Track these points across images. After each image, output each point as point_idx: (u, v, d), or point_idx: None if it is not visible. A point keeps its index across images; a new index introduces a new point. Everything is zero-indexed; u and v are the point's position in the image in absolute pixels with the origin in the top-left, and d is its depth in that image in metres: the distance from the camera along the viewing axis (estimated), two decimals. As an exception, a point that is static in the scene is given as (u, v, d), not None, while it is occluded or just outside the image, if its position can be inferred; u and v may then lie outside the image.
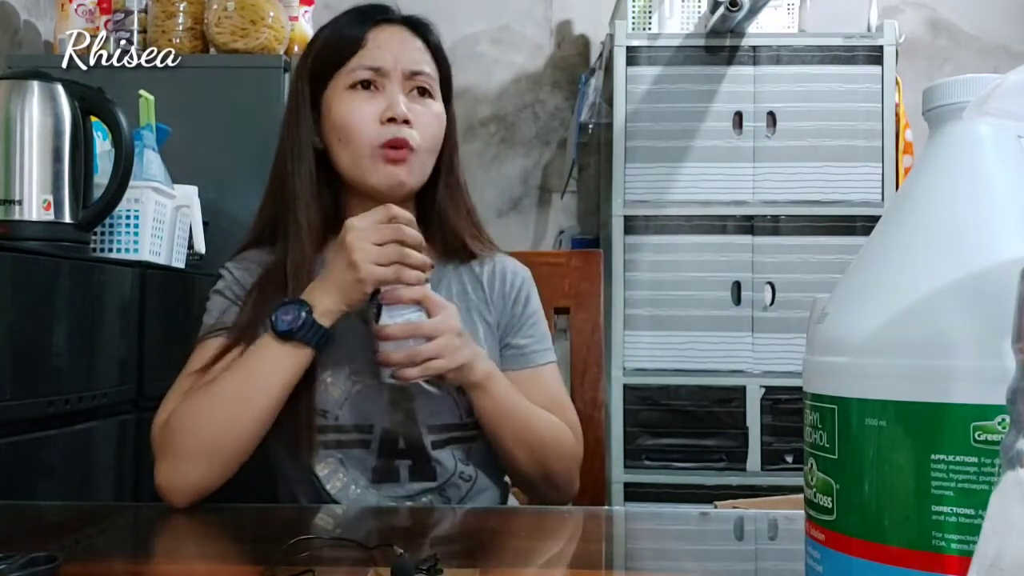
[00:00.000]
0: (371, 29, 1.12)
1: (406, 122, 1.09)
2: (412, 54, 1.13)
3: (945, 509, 0.44)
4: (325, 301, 1.00)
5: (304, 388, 1.05)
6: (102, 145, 1.60)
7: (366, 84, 1.11)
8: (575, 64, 3.05)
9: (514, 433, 1.08)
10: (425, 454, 1.09)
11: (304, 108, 1.13)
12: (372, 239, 0.99)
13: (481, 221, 1.22)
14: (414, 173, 1.12)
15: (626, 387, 2.48)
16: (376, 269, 0.98)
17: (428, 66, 1.14)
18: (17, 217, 1.42)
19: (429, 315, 1.01)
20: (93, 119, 1.52)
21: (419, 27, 1.16)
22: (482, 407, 1.06)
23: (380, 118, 1.09)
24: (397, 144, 1.09)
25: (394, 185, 1.11)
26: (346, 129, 1.10)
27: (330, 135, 1.12)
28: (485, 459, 1.14)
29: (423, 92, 1.13)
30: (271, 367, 0.99)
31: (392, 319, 1.00)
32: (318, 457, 1.08)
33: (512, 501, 1.23)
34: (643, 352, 2.50)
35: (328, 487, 1.08)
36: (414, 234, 1.01)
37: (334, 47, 1.13)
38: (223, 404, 0.99)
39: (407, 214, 1.02)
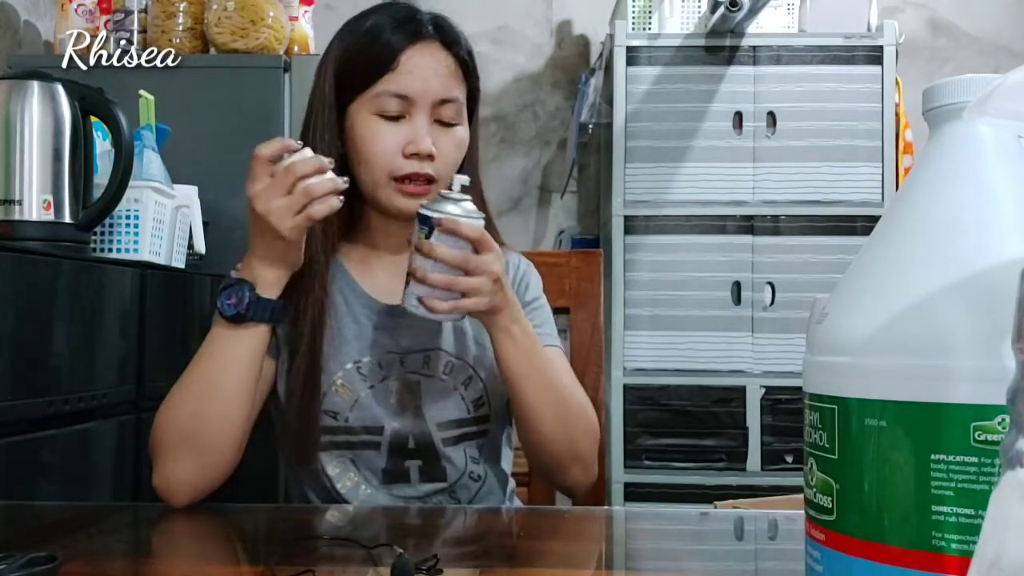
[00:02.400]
0: (405, 49, 1.06)
1: (429, 156, 1.06)
2: (443, 80, 1.08)
3: (945, 509, 0.44)
4: (265, 274, 0.98)
5: (309, 391, 1.04)
6: (102, 145, 1.60)
7: (392, 112, 1.07)
8: (575, 64, 3.05)
9: (541, 390, 1.04)
10: (435, 452, 1.09)
11: (330, 115, 1.09)
12: (277, 194, 0.93)
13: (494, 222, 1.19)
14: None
15: (626, 387, 2.48)
16: (296, 223, 0.94)
17: (457, 89, 1.10)
18: (17, 217, 1.42)
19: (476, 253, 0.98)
20: (93, 119, 1.52)
21: (452, 44, 1.10)
22: (506, 354, 1.03)
23: (403, 150, 1.06)
24: (417, 178, 1.07)
25: (410, 213, 1.08)
26: (366, 155, 1.07)
27: (351, 150, 1.09)
28: (495, 456, 1.15)
29: (449, 119, 1.09)
30: (228, 353, 0.98)
31: (442, 244, 0.96)
32: (329, 457, 1.08)
33: (516, 502, 1.23)
34: (643, 352, 2.49)
35: (339, 486, 1.08)
36: (309, 162, 0.94)
37: (363, 63, 1.08)
38: (190, 398, 0.98)
39: (290, 143, 0.96)
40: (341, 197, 0.95)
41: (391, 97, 1.06)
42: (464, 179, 0.99)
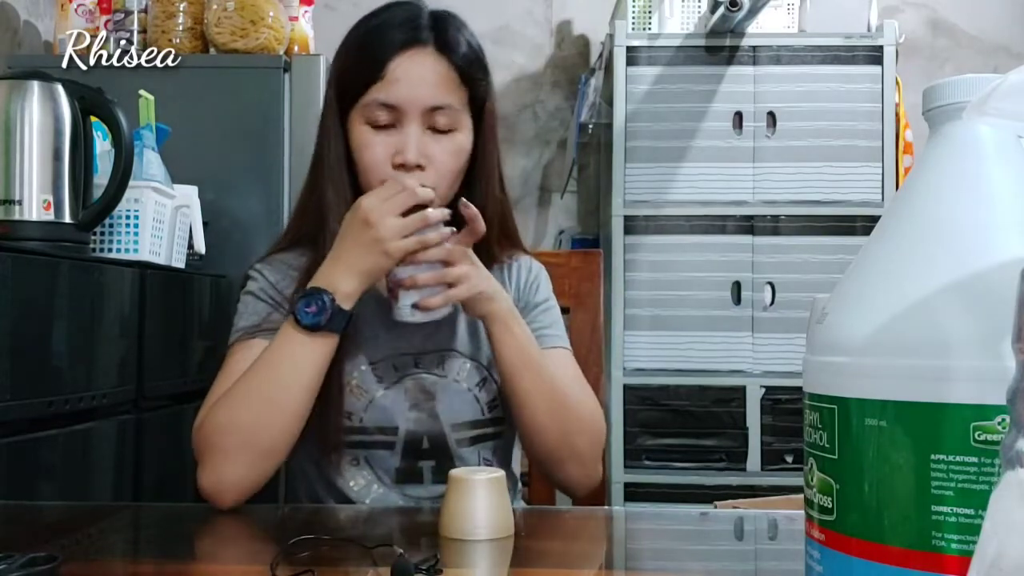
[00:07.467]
0: (394, 57, 1.05)
1: (418, 166, 1.05)
2: (433, 89, 1.06)
3: (945, 509, 0.44)
4: (346, 284, 0.97)
5: (332, 391, 1.04)
6: (102, 145, 1.60)
7: (382, 121, 1.06)
8: (575, 64, 3.05)
9: (534, 381, 1.04)
10: (448, 453, 1.09)
11: (335, 120, 1.10)
12: (393, 211, 0.97)
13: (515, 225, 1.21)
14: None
15: (626, 387, 2.48)
16: (403, 243, 0.97)
17: (452, 95, 1.07)
18: (17, 217, 1.42)
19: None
20: (93, 119, 1.52)
21: (447, 49, 1.07)
22: (503, 344, 1.04)
23: (392, 160, 1.06)
24: None
25: None
26: (360, 164, 1.08)
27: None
28: (507, 458, 1.15)
29: (443, 126, 1.07)
30: (300, 361, 0.97)
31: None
32: (342, 456, 1.08)
33: (519, 503, 1.23)
34: (643, 352, 2.49)
35: (351, 485, 1.08)
36: (427, 193, 0.99)
37: (354, 73, 1.07)
38: (256, 403, 0.97)
39: (412, 182, 1.01)
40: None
41: (379, 107, 1.05)
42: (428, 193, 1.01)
